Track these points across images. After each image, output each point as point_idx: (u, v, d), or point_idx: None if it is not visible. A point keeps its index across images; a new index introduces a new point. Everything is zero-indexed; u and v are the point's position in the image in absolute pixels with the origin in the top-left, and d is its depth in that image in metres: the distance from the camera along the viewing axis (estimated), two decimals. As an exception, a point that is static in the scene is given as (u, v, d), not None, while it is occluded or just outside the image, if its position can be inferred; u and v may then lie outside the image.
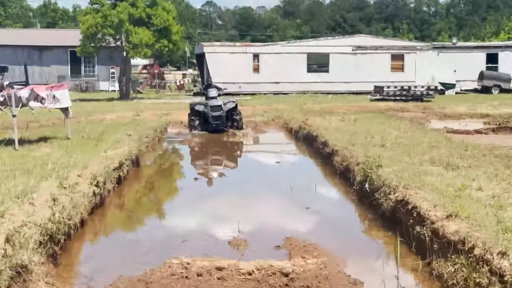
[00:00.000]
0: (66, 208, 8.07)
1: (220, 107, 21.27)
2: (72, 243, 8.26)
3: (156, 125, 20.56)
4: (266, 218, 10.03)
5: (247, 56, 43.22)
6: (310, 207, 10.59)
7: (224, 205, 11.07)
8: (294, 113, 25.49)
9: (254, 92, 42.34)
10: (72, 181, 9.64)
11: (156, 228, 9.39)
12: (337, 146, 14.53)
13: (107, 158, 12.36)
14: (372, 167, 10.96)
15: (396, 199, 9.11)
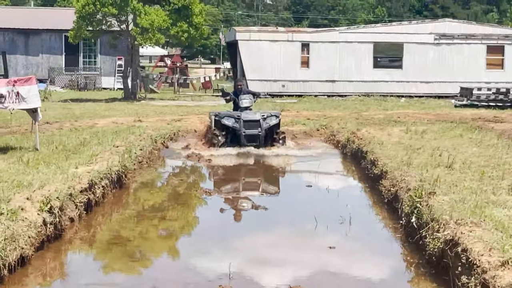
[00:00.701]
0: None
1: (258, 123, 20.00)
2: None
3: (158, 135, 20.62)
4: (271, 260, 9.88)
5: (293, 45, 43.18)
6: (336, 246, 10.41)
7: (216, 239, 10.99)
8: (347, 122, 25.39)
9: (302, 94, 42.35)
10: (16, 205, 9.65)
11: (123, 276, 9.33)
12: (387, 166, 14.35)
13: (75, 176, 12.39)
14: (421, 195, 10.73)
15: (444, 238, 8.87)
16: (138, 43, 37.55)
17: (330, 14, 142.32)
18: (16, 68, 53.20)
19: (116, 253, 10.39)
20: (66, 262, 9.89)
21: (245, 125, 19.83)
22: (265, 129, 20.06)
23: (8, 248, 8.62)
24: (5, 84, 15.52)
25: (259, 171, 18.06)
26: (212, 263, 9.61)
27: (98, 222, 12.14)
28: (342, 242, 10.79)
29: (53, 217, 10.32)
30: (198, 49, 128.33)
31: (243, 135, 19.79)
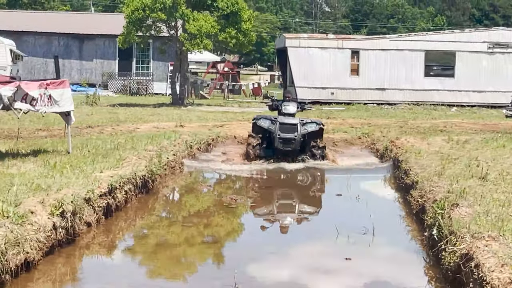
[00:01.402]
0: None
1: (295, 126, 18.80)
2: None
3: (195, 140, 20.44)
4: (281, 272, 9.58)
5: (343, 52, 42.80)
6: (354, 257, 10.07)
7: (226, 248, 10.75)
8: (390, 130, 25.00)
9: (351, 101, 41.96)
10: (26, 208, 9.51)
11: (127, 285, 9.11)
12: (418, 176, 13.94)
13: (95, 180, 12.24)
14: (444, 206, 10.32)
15: (460, 252, 8.47)
16: (186, 49, 37.52)
17: (389, 23, 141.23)
18: (71, 73, 53.88)
19: (127, 260, 10.22)
20: (74, 268, 9.71)
21: (281, 128, 18.77)
22: (303, 135, 18.93)
23: (10, 252, 8.46)
24: (37, 87, 15.41)
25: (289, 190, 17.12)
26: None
27: (116, 227, 11.97)
28: (360, 253, 10.43)
29: (65, 221, 10.15)
30: (255, 56, 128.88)
31: (278, 138, 18.67)
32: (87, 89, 45.89)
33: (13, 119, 24.77)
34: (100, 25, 56.09)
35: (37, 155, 15.97)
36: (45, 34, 54.41)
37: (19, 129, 22.96)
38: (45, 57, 54.13)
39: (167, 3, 36.31)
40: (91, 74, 54.59)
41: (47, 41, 54.44)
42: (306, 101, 40.91)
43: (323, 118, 31.10)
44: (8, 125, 23.24)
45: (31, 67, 53.63)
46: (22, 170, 13.51)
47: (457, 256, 8.58)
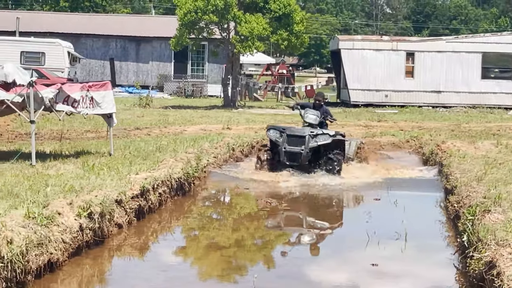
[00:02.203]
0: (11, 246, 7.99)
1: (303, 139, 16.95)
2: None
3: (237, 143, 20.42)
4: (304, 275, 9.50)
5: (397, 54, 42.43)
6: (381, 263, 9.93)
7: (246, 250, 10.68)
8: (440, 134, 24.70)
9: (405, 104, 41.58)
10: (54, 210, 9.60)
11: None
12: (458, 181, 13.71)
13: (128, 182, 12.32)
14: (475, 212, 10.12)
15: (484, 260, 8.28)
16: (237, 51, 37.59)
17: (451, 24, 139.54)
18: (127, 74, 54.47)
19: (154, 262, 10.24)
20: (100, 269, 9.74)
21: (288, 140, 17.03)
22: (312, 148, 17.00)
23: (33, 253, 8.53)
24: (79, 89, 15.60)
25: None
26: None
27: (148, 229, 12.01)
28: (388, 259, 10.28)
29: (92, 222, 10.22)
30: (314, 58, 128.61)
31: (283, 152, 16.95)
32: (140, 91, 46.27)
33: (63, 121, 25.14)
34: (157, 27, 56.53)
35: (79, 156, 16.15)
36: (102, 37, 55.07)
37: (68, 130, 23.33)
38: (102, 59, 54.80)
39: (219, 5, 36.41)
40: (147, 76, 55.08)
41: (104, 44, 55.08)
42: (360, 104, 40.81)
43: (373, 121, 30.98)
44: (58, 127, 23.55)
45: (89, 69, 54.36)
46: (60, 171, 13.67)
47: (481, 263, 8.39)
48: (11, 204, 9.86)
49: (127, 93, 50.21)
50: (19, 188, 11.32)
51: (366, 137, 24.63)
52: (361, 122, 31.01)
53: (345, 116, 34.46)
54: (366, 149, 20.47)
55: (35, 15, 60.48)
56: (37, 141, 19.44)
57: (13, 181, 12.09)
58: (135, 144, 18.91)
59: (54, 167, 14.26)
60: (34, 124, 14.87)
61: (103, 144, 18.59)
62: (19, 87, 14.64)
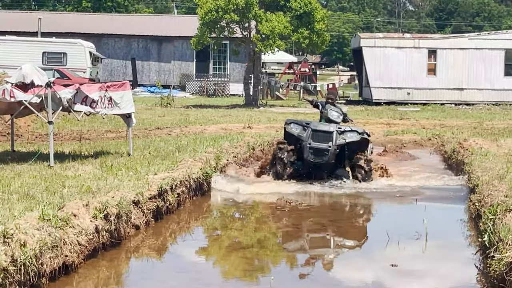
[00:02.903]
0: (24, 249, 7.90)
1: (330, 134, 15.51)
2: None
3: (257, 142, 20.29)
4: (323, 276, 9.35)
5: (419, 52, 42.20)
6: (401, 264, 9.77)
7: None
8: (463, 132, 24.46)
9: (427, 102, 41.35)
10: (69, 211, 9.51)
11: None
12: (480, 179, 13.47)
13: (145, 183, 12.22)
14: (496, 211, 9.91)
15: (506, 260, 8.09)
16: (258, 50, 37.48)
17: (474, 21, 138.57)
18: (149, 74, 54.57)
19: (173, 263, 10.14)
20: (116, 271, 9.64)
21: (313, 135, 15.51)
22: (339, 145, 15.61)
23: (47, 256, 8.45)
24: (97, 90, 15.53)
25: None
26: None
27: (166, 230, 11.90)
28: (408, 259, 10.11)
29: (108, 224, 10.12)
30: (337, 56, 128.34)
31: (308, 148, 15.40)
32: (162, 90, 46.32)
33: (84, 121, 25.15)
34: (179, 27, 56.58)
35: (98, 157, 16.08)
36: (124, 37, 55.23)
37: (88, 130, 23.31)
38: (124, 59, 54.97)
39: (240, 4, 36.33)
40: (169, 75, 55.15)
41: (126, 44, 55.23)
42: (382, 102, 40.58)
43: (395, 119, 30.75)
44: (78, 127, 23.53)
45: (111, 69, 54.53)
46: (78, 172, 13.61)
47: (502, 264, 8.20)
48: (27, 206, 9.80)
49: (149, 92, 50.30)
50: (36, 190, 11.28)
51: (387, 135, 24.47)
52: (383, 120, 30.82)
53: (367, 114, 34.29)
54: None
55: (57, 16, 60.71)
56: (57, 141, 19.46)
57: (30, 183, 12.05)
58: (154, 144, 18.83)
59: (72, 168, 14.21)
60: (52, 125, 14.82)
61: (123, 144, 18.50)
62: (37, 87, 14.59)
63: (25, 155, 15.91)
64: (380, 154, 20.70)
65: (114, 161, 15.18)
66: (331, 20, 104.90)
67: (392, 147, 21.37)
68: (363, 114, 34.36)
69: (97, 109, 15.49)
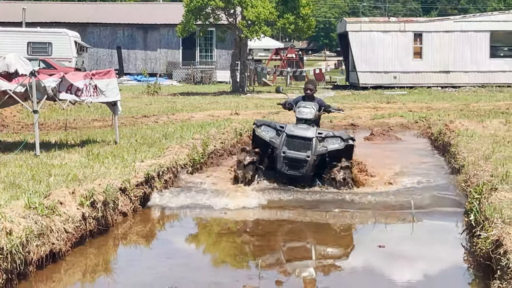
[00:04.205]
0: (10, 237, 7.89)
1: (309, 142, 13.07)
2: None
3: (245, 128, 20.29)
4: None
5: (405, 36, 42.25)
6: (388, 244, 9.81)
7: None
8: (449, 114, 24.54)
9: (414, 85, 41.47)
10: (55, 199, 9.49)
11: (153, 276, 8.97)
12: (466, 160, 13.53)
13: (132, 170, 12.22)
14: (482, 191, 9.96)
15: (491, 239, 8.14)
16: (244, 36, 37.42)
17: (460, 4, 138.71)
18: (136, 63, 54.41)
19: (159, 250, 10.15)
20: (104, 258, 9.64)
21: (288, 143, 13.05)
22: (320, 155, 13.14)
23: (34, 244, 8.44)
24: (82, 78, 15.48)
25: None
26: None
27: (154, 217, 11.89)
28: (396, 240, 10.16)
29: (95, 211, 10.12)
30: (323, 42, 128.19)
31: (282, 157, 12.98)
32: (149, 79, 46.24)
33: (70, 111, 25.10)
34: (164, 14, 56.32)
35: (84, 145, 16.05)
36: (110, 25, 54.97)
37: (75, 119, 23.26)
38: (110, 48, 54.71)
39: (225, -10, 36.22)
40: (156, 63, 55.00)
41: (112, 32, 54.98)
42: (369, 86, 40.63)
43: (382, 103, 30.81)
44: (64, 116, 23.46)
45: (97, 58, 54.31)
46: (65, 160, 13.58)
47: (488, 242, 8.25)
48: (12, 195, 9.77)
49: (135, 81, 50.16)
50: (22, 179, 11.26)
51: (374, 119, 24.51)
52: (369, 104, 30.87)
53: (354, 99, 34.33)
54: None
55: (41, 6, 60.30)
56: (43, 131, 19.42)
57: (16, 172, 12.03)
58: (141, 132, 18.83)
59: (58, 156, 14.17)
60: (37, 114, 14.75)
61: (109, 133, 18.48)
62: (22, 77, 14.56)
63: (11, 145, 15.89)
64: (367, 138, 20.79)
65: (101, 149, 15.16)
66: (317, 6, 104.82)
67: (379, 130, 21.36)
68: (350, 99, 34.40)
69: (83, 97, 15.42)
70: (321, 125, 15.97)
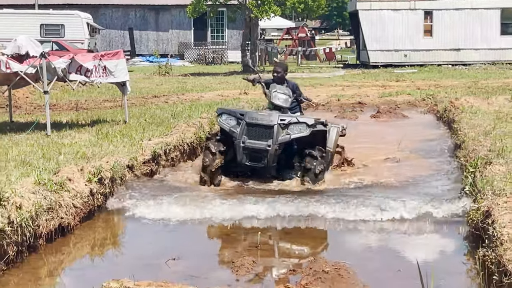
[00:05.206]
0: (20, 211, 8.27)
1: (270, 130, 11.80)
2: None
3: (251, 107, 20.58)
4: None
5: (415, 14, 42.30)
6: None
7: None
8: (456, 91, 24.74)
9: (425, 63, 41.56)
10: (64, 176, 9.86)
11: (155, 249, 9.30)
12: (467, 135, 13.80)
13: (139, 148, 12.58)
14: (477, 164, 10.27)
15: (482, 210, 8.45)
16: (254, 16, 37.63)
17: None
18: (147, 44, 54.69)
19: (166, 222, 10.40)
20: (112, 232, 10.00)
21: (248, 132, 11.87)
22: (283, 143, 11.89)
23: (43, 218, 8.81)
24: (92, 59, 15.83)
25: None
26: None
27: (161, 192, 12.14)
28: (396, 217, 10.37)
29: (103, 187, 10.49)
30: (336, 21, 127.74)
31: (241, 148, 11.81)
32: (160, 59, 46.56)
33: (81, 92, 25.50)
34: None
35: (94, 125, 16.41)
36: (121, 7, 55.21)
37: (86, 100, 23.64)
38: (122, 30, 55.02)
39: (235, -30, 36.43)
40: (167, 44, 55.28)
41: (123, 14, 55.25)
42: (379, 64, 40.78)
43: (392, 81, 31.01)
44: (75, 97, 23.85)
45: (109, 40, 54.63)
46: (75, 140, 13.94)
47: (479, 213, 8.55)
48: (23, 172, 10.14)
49: (147, 62, 50.49)
50: (32, 157, 11.62)
51: (382, 97, 24.76)
52: (378, 82, 31.10)
53: (364, 77, 34.56)
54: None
55: (54, -12, 60.67)
56: (54, 111, 19.81)
57: (27, 151, 12.39)
58: (151, 112, 19.16)
59: (68, 136, 14.53)
60: (48, 95, 15.13)
61: (119, 113, 18.81)
62: (32, 58, 14.91)
63: (23, 125, 16.26)
64: (373, 115, 21.07)
65: (110, 128, 15.52)
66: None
67: (385, 108, 21.63)
68: (360, 77, 34.63)
69: (92, 78, 15.77)
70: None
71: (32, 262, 8.38)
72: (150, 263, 8.33)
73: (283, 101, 12.32)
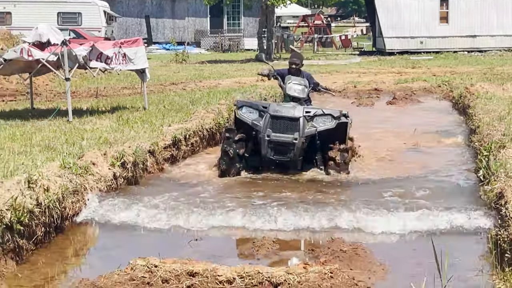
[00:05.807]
0: (47, 193, 8.56)
1: (295, 122, 11.58)
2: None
3: (269, 93, 20.86)
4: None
5: (431, 0, 42.44)
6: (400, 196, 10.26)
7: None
8: (472, 78, 24.88)
9: (440, 50, 41.66)
10: (88, 160, 10.16)
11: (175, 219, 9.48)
12: (481, 121, 14.01)
13: (160, 134, 12.86)
14: (491, 148, 10.49)
15: (495, 192, 8.69)
16: (271, 3, 37.82)
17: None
18: (164, 31, 54.97)
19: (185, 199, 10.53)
20: (131, 213, 10.22)
21: (273, 125, 11.57)
22: (307, 136, 11.64)
23: (70, 200, 9.11)
24: (112, 46, 16.11)
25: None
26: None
27: (179, 176, 12.41)
28: (409, 193, 10.56)
29: (126, 171, 10.78)
30: (352, 8, 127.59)
31: (266, 142, 11.51)
32: (177, 47, 46.81)
33: (100, 79, 25.81)
34: (191, -17, 56.77)
35: (114, 112, 16.70)
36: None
37: (105, 88, 23.94)
38: (139, 17, 55.34)
39: (251, -43, 36.58)
40: (184, 32, 55.54)
41: (140, 1, 55.52)
42: (395, 51, 40.89)
43: (407, 68, 31.16)
44: (95, 85, 24.16)
45: (126, 27, 54.93)
46: (96, 126, 14.24)
47: (493, 195, 8.78)
48: (48, 156, 10.44)
49: (164, 50, 50.76)
50: (56, 142, 11.91)
51: (398, 83, 24.94)
52: (394, 69, 31.25)
53: (380, 64, 34.72)
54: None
55: (71, -24, 61.03)
56: (75, 99, 20.11)
57: (50, 136, 12.68)
58: (169, 98, 19.42)
59: (90, 122, 14.83)
60: (69, 82, 15.44)
61: (139, 100, 19.08)
62: (54, 46, 15.20)
63: (45, 112, 16.56)
64: (390, 102, 21.28)
65: (130, 115, 15.80)
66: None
67: (401, 95, 21.83)
68: (376, 64, 34.79)
69: (112, 65, 16.05)
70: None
71: (59, 243, 8.68)
72: (174, 243, 8.62)
73: (299, 91, 12.15)
